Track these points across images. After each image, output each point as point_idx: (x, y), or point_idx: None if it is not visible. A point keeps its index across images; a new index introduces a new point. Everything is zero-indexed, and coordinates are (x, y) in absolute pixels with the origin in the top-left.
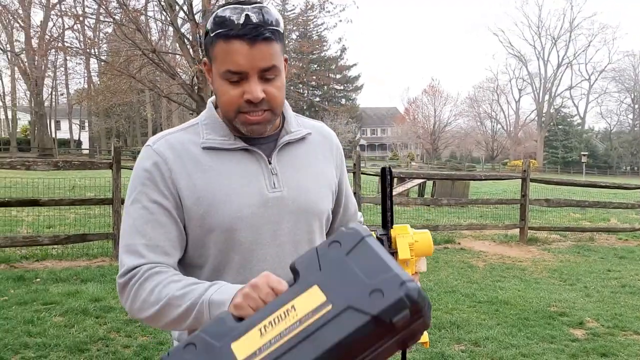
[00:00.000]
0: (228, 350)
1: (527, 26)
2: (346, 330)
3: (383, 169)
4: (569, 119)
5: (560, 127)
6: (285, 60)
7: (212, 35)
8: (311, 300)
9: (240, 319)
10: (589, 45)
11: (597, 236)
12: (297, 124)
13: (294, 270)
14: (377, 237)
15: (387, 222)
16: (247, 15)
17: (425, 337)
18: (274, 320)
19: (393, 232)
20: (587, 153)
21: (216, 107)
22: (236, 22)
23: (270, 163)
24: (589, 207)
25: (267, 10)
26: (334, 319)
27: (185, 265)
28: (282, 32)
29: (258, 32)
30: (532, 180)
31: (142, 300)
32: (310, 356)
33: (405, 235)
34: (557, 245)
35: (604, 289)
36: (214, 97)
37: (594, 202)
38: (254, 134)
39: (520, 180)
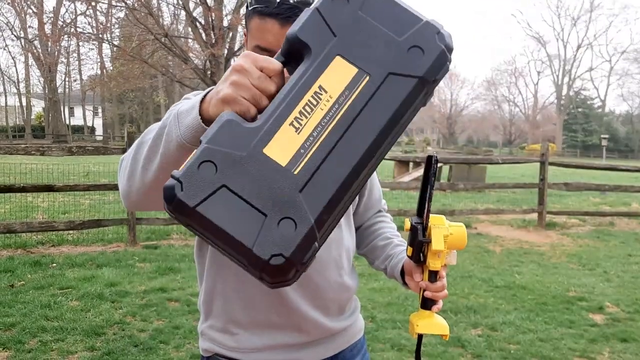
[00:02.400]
0: (262, 158)
1: (546, 6)
2: (396, 101)
3: (430, 157)
4: (589, 102)
5: (580, 110)
6: None
7: (249, 9)
8: (340, 75)
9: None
10: (610, 26)
11: (617, 221)
12: None
13: (296, 41)
14: (412, 225)
15: (423, 210)
16: None
17: (445, 329)
18: (304, 109)
19: (429, 222)
20: (607, 136)
21: None
22: (274, 1)
23: None
24: (609, 191)
25: None
26: (378, 90)
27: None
28: None
29: (292, 13)
30: (551, 164)
31: (126, 158)
32: (367, 140)
33: (441, 226)
34: (576, 230)
35: (624, 273)
36: None
37: (614, 186)
38: None
39: (538, 164)
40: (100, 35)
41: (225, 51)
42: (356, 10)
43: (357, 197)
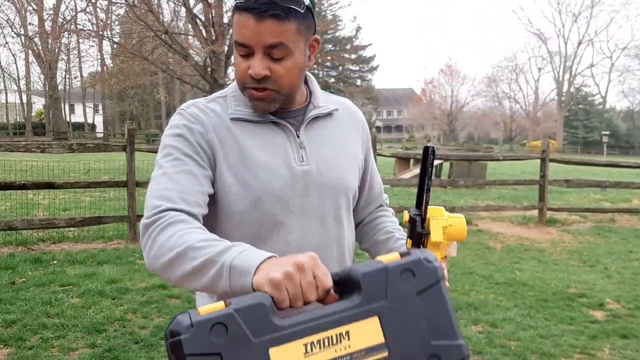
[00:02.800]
0: (264, 354)
1: (546, 3)
2: None
3: (426, 148)
4: (589, 98)
5: (580, 106)
6: (316, 40)
7: (233, 5)
8: (368, 335)
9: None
10: (611, 22)
11: (618, 217)
12: (324, 99)
13: (357, 280)
14: (410, 217)
15: (422, 202)
16: None
17: None
18: (322, 340)
19: (427, 214)
20: (608, 133)
21: None
22: None
23: (298, 137)
24: (610, 187)
25: None
26: None
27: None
28: (301, 11)
29: (267, 8)
30: (552, 161)
31: (160, 245)
32: None
33: (440, 217)
34: (576, 227)
35: (625, 270)
36: None
37: (615, 183)
38: (258, 109)
39: (539, 161)
40: (101, 32)
41: (226, 48)
42: (414, 293)
43: (356, 192)
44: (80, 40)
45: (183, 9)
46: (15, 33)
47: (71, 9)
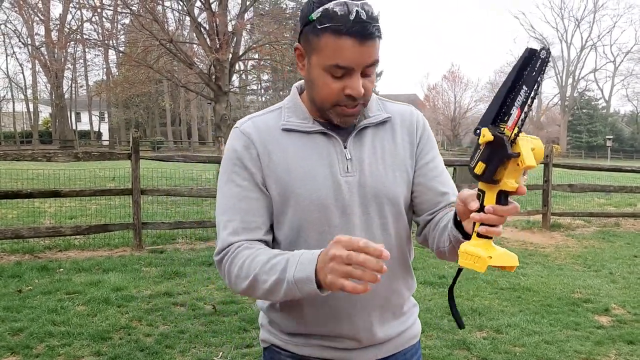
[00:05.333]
0: None
1: (549, 8)
2: None
3: (532, 50)
4: (593, 103)
5: (584, 111)
6: None
7: (319, 27)
8: None
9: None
10: (614, 26)
11: (622, 222)
12: (377, 108)
13: None
14: (496, 136)
15: (506, 116)
16: (357, 12)
17: (516, 260)
18: None
19: (509, 132)
20: (612, 137)
21: (300, 92)
22: (348, 18)
23: (345, 147)
24: (614, 192)
25: (371, 6)
26: None
27: None
28: (381, 26)
29: (368, 31)
30: (555, 166)
31: (235, 276)
32: None
33: (525, 137)
34: (581, 231)
35: (630, 275)
36: (300, 82)
37: (619, 187)
38: (346, 124)
39: (542, 166)
40: (106, 42)
41: (230, 56)
42: None
43: (408, 200)
44: (86, 50)
45: (187, 18)
46: (22, 43)
47: (77, 19)
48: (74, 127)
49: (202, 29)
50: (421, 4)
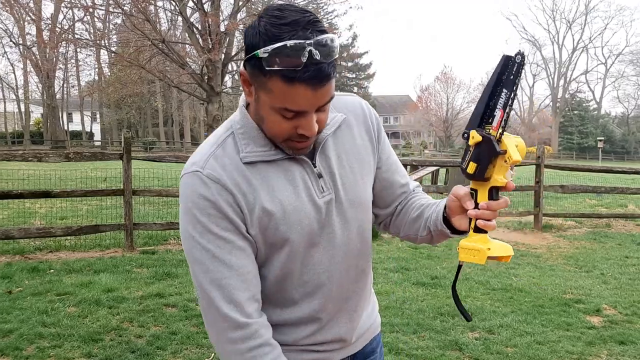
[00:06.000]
0: None
1: (541, 10)
2: None
3: (507, 57)
4: (584, 104)
5: (575, 112)
6: None
7: (267, 68)
8: None
9: None
10: (605, 28)
11: (613, 222)
12: (330, 109)
13: None
14: (484, 136)
15: (487, 119)
16: (310, 53)
17: (511, 249)
18: None
19: (494, 132)
20: (603, 138)
21: (247, 107)
22: (299, 62)
23: (315, 166)
24: (605, 193)
25: (328, 40)
26: None
27: None
28: (337, 58)
29: (323, 74)
30: (547, 167)
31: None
32: None
33: (509, 136)
34: (572, 232)
35: (621, 275)
36: (243, 99)
37: (610, 188)
38: (299, 154)
39: (534, 167)
40: (98, 42)
41: (222, 56)
42: None
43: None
44: (78, 50)
45: (180, 18)
46: (13, 43)
47: (69, 18)
48: (66, 128)
49: (194, 29)
50: (414, 6)
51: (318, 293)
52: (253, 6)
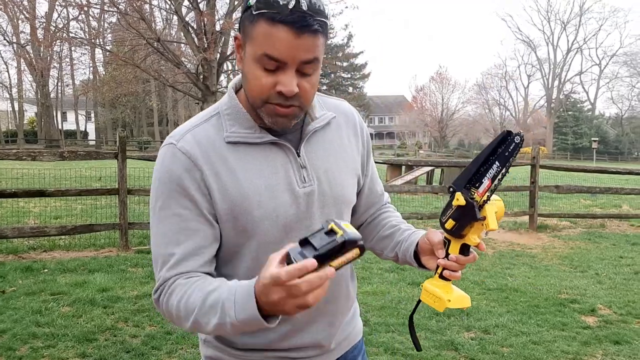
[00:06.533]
0: None
1: (535, 11)
2: None
3: (508, 133)
4: (579, 105)
5: (570, 113)
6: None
7: (254, 12)
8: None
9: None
10: (599, 29)
11: (608, 223)
12: (320, 107)
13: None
14: (467, 201)
15: (474, 184)
16: (297, 1)
17: (469, 300)
18: None
19: (479, 198)
20: (597, 139)
21: (236, 91)
22: (286, 6)
23: (299, 155)
24: (599, 193)
25: None
26: None
27: (222, 263)
28: (328, 23)
29: (307, 22)
30: (542, 167)
31: (176, 317)
32: None
33: (491, 202)
34: (567, 232)
35: (616, 275)
36: (234, 81)
37: (605, 188)
38: (278, 126)
39: (529, 167)
40: (93, 40)
41: (218, 55)
42: None
43: (355, 197)
44: (73, 48)
45: (175, 17)
46: (7, 41)
47: (63, 17)
48: (60, 127)
49: (189, 28)
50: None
51: None
52: None
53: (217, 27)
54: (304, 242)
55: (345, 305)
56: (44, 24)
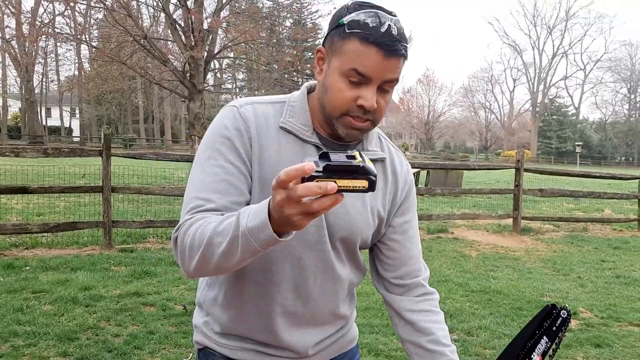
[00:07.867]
0: None
1: (522, 15)
2: None
3: (553, 307)
4: (563, 109)
5: (554, 117)
6: None
7: (348, 31)
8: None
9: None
10: (585, 35)
11: (590, 226)
12: (376, 144)
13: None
14: None
15: (524, 357)
16: (389, 26)
17: None
18: None
19: None
20: (581, 143)
21: (308, 92)
22: (378, 29)
23: None
24: (582, 197)
25: (402, 26)
26: None
27: None
28: (409, 47)
29: (395, 47)
30: (526, 170)
31: (189, 247)
32: None
33: None
34: (550, 235)
35: (597, 279)
36: (311, 82)
37: (588, 192)
38: (351, 138)
39: (513, 170)
40: (79, 36)
41: (205, 54)
42: None
43: (369, 241)
44: (58, 44)
45: (162, 14)
46: None
47: (49, 12)
48: (44, 123)
49: (177, 25)
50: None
51: (285, 283)
52: (237, 4)
53: (205, 25)
54: (323, 155)
55: (332, 321)
56: (30, 19)
